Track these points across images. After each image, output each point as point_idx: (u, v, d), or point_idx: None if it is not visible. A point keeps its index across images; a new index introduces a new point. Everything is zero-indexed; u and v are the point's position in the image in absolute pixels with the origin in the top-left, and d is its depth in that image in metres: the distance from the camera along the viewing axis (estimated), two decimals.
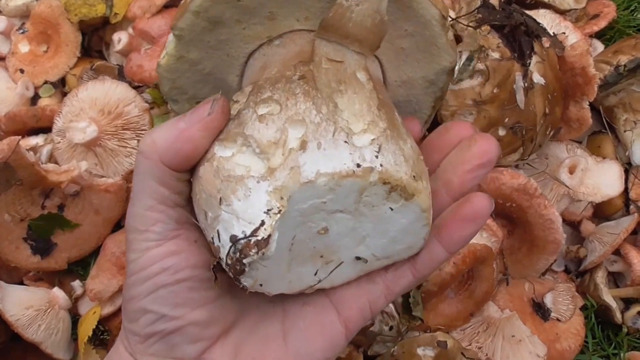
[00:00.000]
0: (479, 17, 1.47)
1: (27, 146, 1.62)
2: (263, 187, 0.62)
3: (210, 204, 0.66)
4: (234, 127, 0.68)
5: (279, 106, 0.67)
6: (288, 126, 0.65)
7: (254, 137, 0.65)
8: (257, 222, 0.62)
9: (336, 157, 0.63)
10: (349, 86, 0.70)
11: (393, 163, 0.66)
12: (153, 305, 0.72)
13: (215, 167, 0.65)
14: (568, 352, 1.55)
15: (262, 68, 0.76)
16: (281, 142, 0.64)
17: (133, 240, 0.72)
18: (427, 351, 1.37)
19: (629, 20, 1.90)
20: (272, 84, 0.70)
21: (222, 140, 0.67)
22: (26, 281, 1.62)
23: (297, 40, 0.76)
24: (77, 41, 1.82)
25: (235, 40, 0.77)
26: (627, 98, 1.68)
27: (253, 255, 0.62)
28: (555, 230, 1.50)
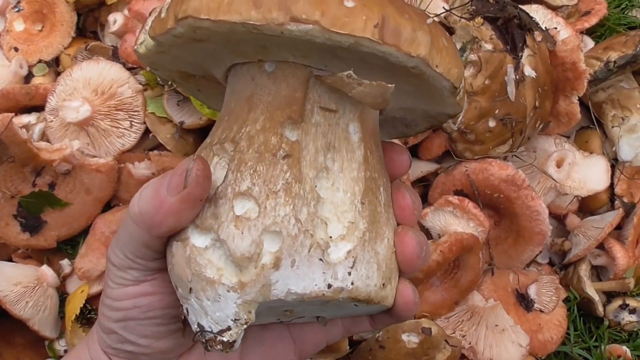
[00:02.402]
0: (472, 9, 1.49)
1: (20, 124, 1.62)
2: (232, 298, 0.62)
3: (181, 284, 0.66)
4: (210, 214, 0.65)
5: (257, 207, 0.63)
6: (264, 238, 0.63)
7: (227, 245, 0.63)
8: (224, 326, 0.63)
9: (309, 277, 0.63)
10: (336, 156, 0.68)
11: (365, 277, 0.66)
12: (122, 331, 0.75)
13: (188, 255, 0.64)
14: (550, 343, 1.57)
15: (248, 102, 0.69)
16: (255, 257, 0.63)
17: (111, 271, 0.73)
18: (411, 337, 1.38)
19: (619, 18, 1.92)
20: (254, 162, 0.65)
21: (196, 224, 0.65)
22: (15, 258, 1.62)
23: (289, 79, 0.69)
24: (72, 21, 1.82)
25: (222, 52, 0.71)
26: (615, 94, 1.70)
27: (217, 348, 0.64)
28: (542, 221, 1.52)
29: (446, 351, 1.42)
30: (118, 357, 0.77)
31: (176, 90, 1.59)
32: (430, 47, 0.64)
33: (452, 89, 0.70)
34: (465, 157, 1.52)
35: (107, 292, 0.74)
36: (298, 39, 0.60)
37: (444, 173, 1.56)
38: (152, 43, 0.70)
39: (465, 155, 1.52)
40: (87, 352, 0.80)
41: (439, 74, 0.66)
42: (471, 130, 1.46)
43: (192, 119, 1.59)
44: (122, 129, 1.62)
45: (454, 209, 1.50)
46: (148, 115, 1.63)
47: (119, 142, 1.62)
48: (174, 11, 0.63)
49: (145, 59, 0.76)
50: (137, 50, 0.75)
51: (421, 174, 1.61)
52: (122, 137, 1.62)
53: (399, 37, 0.61)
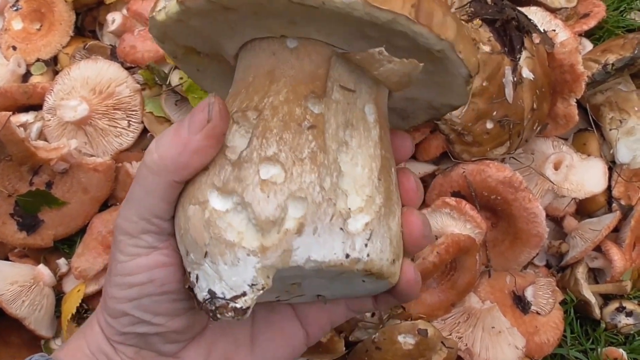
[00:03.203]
0: (471, 10, 1.49)
1: (18, 123, 1.63)
2: (252, 262, 0.62)
3: (195, 248, 0.65)
4: (233, 177, 0.65)
5: (283, 172, 0.64)
6: (289, 203, 0.64)
7: (252, 207, 0.63)
8: (239, 291, 0.63)
9: (329, 245, 0.64)
10: (354, 132, 0.70)
11: (379, 251, 0.67)
12: (135, 311, 0.73)
13: (207, 218, 0.64)
14: (546, 345, 1.57)
15: (269, 76, 0.70)
16: (278, 221, 0.63)
17: (122, 242, 0.71)
18: (407, 338, 1.38)
19: (618, 20, 1.92)
20: (279, 129, 0.66)
21: (217, 187, 0.65)
22: (12, 257, 1.62)
23: (312, 56, 0.70)
24: (70, 20, 1.82)
25: (245, 25, 0.70)
26: (613, 97, 1.70)
27: (227, 315, 0.63)
28: (539, 223, 1.52)
29: (442, 353, 1.42)
30: (126, 343, 0.76)
31: (174, 90, 1.59)
32: (456, 33, 0.66)
33: (468, 77, 0.72)
34: (463, 158, 1.52)
35: (116, 269, 0.72)
36: (335, 13, 0.61)
37: (441, 174, 1.56)
38: (176, 9, 0.68)
39: (463, 156, 1.52)
40: (85, 347, 0.78)
41: (461, 59, 0.68)
42: (469, 131, 1.46)
43: None
44: (120, 128, 1.62)
45: (451, 211, 1.50)
46: (146, 115, 1.63)
47: (116, 141, 1.62)
48: None
49: (158, 27, 0.73)
50: (154, 17, 0.71)
51: (418, 175, 1.61)
52: (119, 136, 1.62)
53: (431, 19, 0.63)
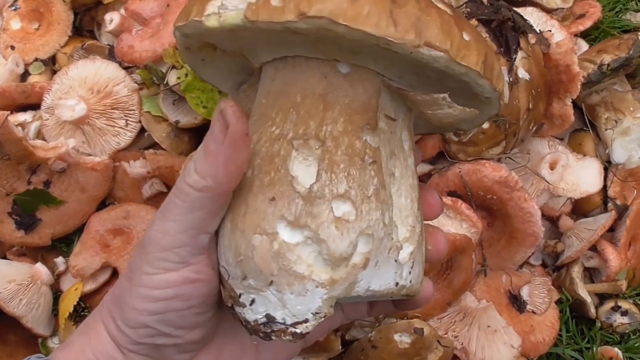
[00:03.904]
0: (467, 11, 1.50)
1: (16, 122, 1.63)
2: (320, 293, 0.65)
3: (257, 276, 0.66)
4: (305, 212, 0.65)
5: (354, 210, 0.66)
6: (359, 240, 0.66)
7: (327, 244, 0.65)
8: (301, 319, 0.66)
9: (385, 275, 0.69)
10: (397, 162, 0.72)
11: (417, 275, 0.73)
12: (157, 324, 0.72)
13: (276, 250, 0.65)
14: (542, 344, 1.58)
15: (322, 100, 0.69)
16: (349, 257, 0.66)
17: (151, 255, 0.70)
18: (403, 337, 1.39)
19: (613, 21, 1.92)
20: (346, 165, 0.67)
21: (289, 220, 0.65)
22: (9, 256, 1.63)
23: (365, 84, 0.70)
24: (68, 20, 1.83)
25: (299, 45, 0.69)
26: (609, 97, 1.71)
27: (284, 338, 0.67)
28: (534, 223, 1.53)
29: (438, 352, 1.42)
30: (140, 353, 0.75)
31: (171, 90, 1.59)
32: (504, 82, 0.71)
33: (495, 116, 0.77)
34: (459, 158, 1.53)
35: (141, 280, 0.71)
36: (411, 58, 0.63)
37: (437, 174, 1.57)
38: (237, 22, 0.63)
39: (459, 156, 1.53)
40: (89, 351, 0.76)
41: (500, 105, 0.73)
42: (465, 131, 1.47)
43: (187, 118, 1.60)
44: (118, 128, 1.63)
45: (448, 210, 1.50)
46: (143, 114, 1.63)
47: (114, 140, 1.63)
48: (298, 5, 0.60)
49: (200, 31, 0.68)
50: (201, 21, 0.66)
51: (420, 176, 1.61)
52: (117, 135, 1.63)
53: (492, 73, 0.68)
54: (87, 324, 0.80)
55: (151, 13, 1.71)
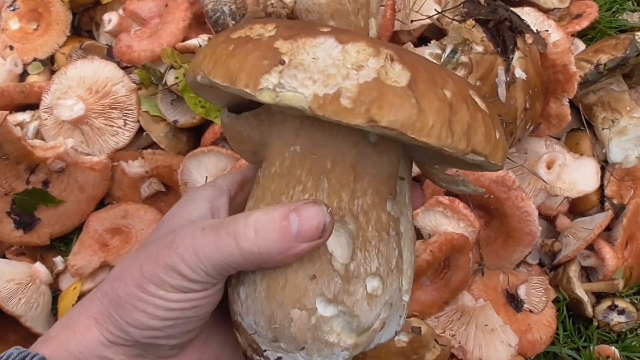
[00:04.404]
0: (464, 11, 1.50)
1: (15, 122, 1.63)
2: (343, 355, 0.70)
3: (291, 342, 0.70)
4: (342, 290, 0.68)
5: (382, 285, 0.70)
6: (382, 310, 0.70)
7: (359, 319, 0.69)
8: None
9: (391, 330, 0.73)
10: (403, 219, 0.74)
11: (405, 316, 0.76)
12: (166, 329, 0.72)
13: (313, 324, 0.68)
14: (539, 343, 1.58)
15: (352, 170, 0.69)
16: (372, 325, 0.70)
17: (176, 280, 0.70)
18: (401, 336, 1.39)
19: (610, 21, 1.93)
20: (376, 241, 0.70)
21: (328, 298, 0.68)
22: (8, 255, 1.63)
23: (390, 154, 0.72)
24: (67, 20, 1.83)
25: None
26: (606, 97, 1.72)
27: None
28: (531, 222, 1.53)
29: (435, 350, 1.43)
30: (130, 346, 0.74)
31: (170, 90, 1.60)
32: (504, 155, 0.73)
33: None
34: None
35: (158, 294, 0.70)
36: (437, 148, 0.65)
37: None
38: (296, 106, 0.60)
39: None
40: (72, 346, 0.75)
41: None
42: None
43: (185, 118, 1.60)
44: (116, 128, 1.63)
45: (445, 209, 1.51)
46: (142, 114, 1.64)
47: (112, 140, 1.63)
48: (369, 111, 0.59)
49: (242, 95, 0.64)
50: (255, 95, 0.61)
51: (412, 174, 1.62)
52: (116, 135, 1.63)
53: (503, 160, 0.71)
54: (70, 317, 0.78)
55: (149, 13, 1.71)
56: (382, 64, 0.62)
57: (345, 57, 0.61)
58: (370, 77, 0.60)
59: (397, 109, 0.59)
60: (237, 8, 1.58)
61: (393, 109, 0.59)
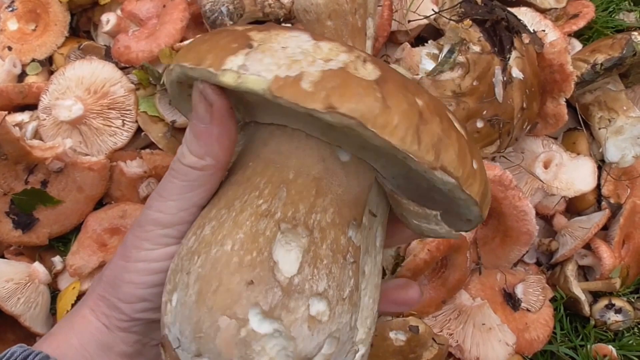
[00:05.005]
0: (461, 11, 1.51)
1: (13, 122, 1.63)
2: None
3: (214, 357, 0.63)
4: (281, 304, 0.62)
5: (329, 311, 0.63)
6: (325, 342, 0.64)
7: (296, 343, 0.62)
8: None
9: None
10: (368, 259, 0.70)
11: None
12: (154, 296, 0.73)
13: (242, 337, 0.61)
14: (536, 342, 1.59)
15: (315, 184, 0.66)
16: (312, 358, 0.63)
17: (152, 232, 0.72)
18: (398, 335, 1.40)
19: (607, 21, 1.94)
20: (329, 261, 0.64)
21: (263, 310, 0.62)
22: (7, 255, 1.63)
23: (360, 178, 0.69)
24: (65, 21, 1.83)
25: (308, 121, 0.66)
26: (602, 96, 1.72)
27: None
28: (529, 221, 1.54)
29: (433, 349, 1.43)
30: (130, 331, 0.75)
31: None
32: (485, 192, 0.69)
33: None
34: None
35: (139, 255, 0.72)
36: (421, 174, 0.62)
37: None
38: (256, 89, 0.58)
39: None
40: (73, 338, 0.76)
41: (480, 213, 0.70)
42: None
43: (183, 118, 1.61)
44: (115, 128, 1.63)
45: None
46: (140, 114, 1.64)
47: (111, 140, 1.64)
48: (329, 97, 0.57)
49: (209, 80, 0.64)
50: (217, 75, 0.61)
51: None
52: (114, 135, 1.64)
53: (484, 202, 0.68)
54: (69, 316, 0.80)
55: (147, 14, 1.72)
56: (352, 60, 0.60)
57: (315, 51, 0.60)
58: (336, 67, 0.58)
59: (359, 98, 0.57)
60: (235, 8, 1.58)
61: (355, 97, 0.57)
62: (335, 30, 1.32)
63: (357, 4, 1.37)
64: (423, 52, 1.53)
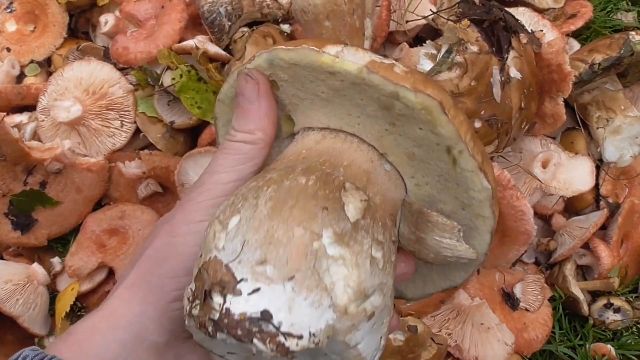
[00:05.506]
0: (459, 11, 1.51)
1: (12, 123, 1.64)
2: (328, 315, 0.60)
3: (280, 264, 0.61)
4: (350, 234, 0.64)
5: (382, 263, 0.65)
6: (376, 291, 0.64)
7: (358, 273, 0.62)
8: (298, 332, 0.59)
9: (371, 344, 0.64)
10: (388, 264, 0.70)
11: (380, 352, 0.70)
12: None
13: (315, 249, 0.61)
14: (535, 342, 1.59)
15: (366, 174, 0.71)
16: (365, 299, 0.62)
17: (203, 202, 0.74)
18: (397, 335, 1.40)
19: (605, 20, 1.94)
20: (383, 226, 0.68)
21: (336, 232, 0.63)
22: (6, 256, 1.64)
23: (397, 188, 0.74)
24: (64, 22, 1.84)
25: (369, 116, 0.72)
26: (600, 96, 1.72)
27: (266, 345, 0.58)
28: (527, 221, 1.54)
29: (432, 349, 1.43)
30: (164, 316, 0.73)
31: (166, 91, 1.60)
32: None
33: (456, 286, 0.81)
34: None
35: (188, 229, 0.74)
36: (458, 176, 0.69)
37: None
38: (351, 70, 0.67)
39: None
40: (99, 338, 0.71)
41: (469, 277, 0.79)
42: None
43: (182, 119, 1.61)
44: (113, 129, 1.64)
45: None
46: (139, 115, 1.64)
47: (109, 141, 1.64)
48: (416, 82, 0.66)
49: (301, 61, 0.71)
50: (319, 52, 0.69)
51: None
52: (112, 136, 1.64)
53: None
54: (92, 314, 0.74)
55: (146, 15, 1.72)
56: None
57: None
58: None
59: (440, 90, 0.67)
60: (233, 9, 1.58)
61: (437, 89, 0.66)
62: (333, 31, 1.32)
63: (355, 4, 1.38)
64: (421, 52, 1.53)
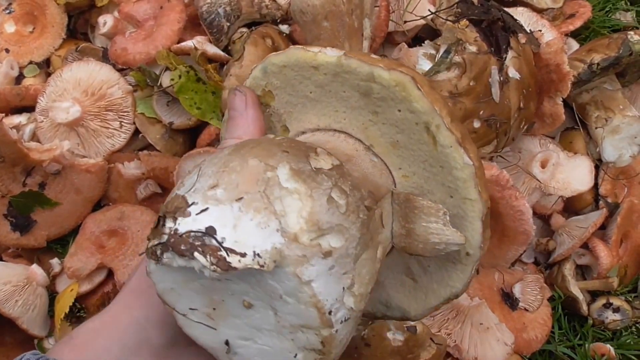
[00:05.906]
0: (458, 11, 1.51)
1: (11, 124, 1.64)
2: (275, 238, 0.59)
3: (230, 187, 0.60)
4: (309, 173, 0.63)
5: (345, 207, 0.64)
6: (335, 231, 0.62)
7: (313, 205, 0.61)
8: (241, 250, 0.57)
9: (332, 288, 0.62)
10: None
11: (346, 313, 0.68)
12: None
13: (267, 177, 0.61)
14: (535, 342, 1.59)
15: (348, 157, 0.73)
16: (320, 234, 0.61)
17: None
18: (396, 335, 1.40)
19: (603, 20, 1.94)
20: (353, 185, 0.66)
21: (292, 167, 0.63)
22: (5, 257, 1.64)
23: (383, 176, 0.75)
24: (62, 23, 1.84)
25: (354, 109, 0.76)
26: (599, 96, 1.72)
27: (205, 258, 0.56)
28: (526, 221, 1.54)
29: (431, 349, 1.43)
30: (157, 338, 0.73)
31: (165, 91, 1.60)
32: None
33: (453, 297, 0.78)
34: None
35: None
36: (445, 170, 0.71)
37: None
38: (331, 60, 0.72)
39: None
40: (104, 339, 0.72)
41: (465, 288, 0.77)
42: None
43: (181, 120, 1.61)
44: (112, 130, 1.64)
45: None
46: (138, 116, 1.64)
47: (108, 142, 1.64)
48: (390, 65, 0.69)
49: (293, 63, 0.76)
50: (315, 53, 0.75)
51: None
52: (111, 137, 1.64)
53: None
54: (95, 317, 0.75)
55: (144, 15, 1.72)
56: None
57: None
58: None
59: (412, 70, 0.69)
60: (232, 10, 1.58)
61: (410, 69, 0.69)
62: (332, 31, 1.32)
63: (353, 4, 1.38)
64: (420, 52, 1.54)
